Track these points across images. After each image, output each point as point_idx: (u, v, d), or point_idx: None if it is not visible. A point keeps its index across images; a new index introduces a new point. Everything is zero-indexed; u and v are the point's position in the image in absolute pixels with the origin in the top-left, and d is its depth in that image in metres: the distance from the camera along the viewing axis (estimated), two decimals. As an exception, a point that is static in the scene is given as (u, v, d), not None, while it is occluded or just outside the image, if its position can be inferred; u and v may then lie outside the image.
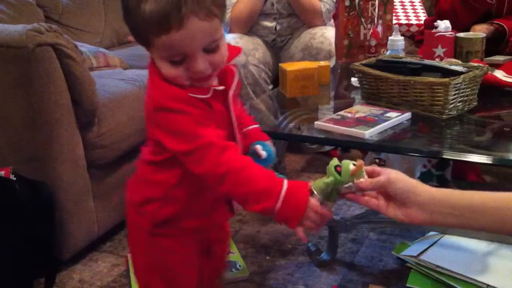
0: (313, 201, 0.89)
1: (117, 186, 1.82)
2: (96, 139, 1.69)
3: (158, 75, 0.91)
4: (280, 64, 1.73)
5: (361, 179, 0.90)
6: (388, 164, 2.02)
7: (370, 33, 2.03)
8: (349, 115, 1.44)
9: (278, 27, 2.43)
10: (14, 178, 1.55)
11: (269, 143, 1.07)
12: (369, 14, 2.02)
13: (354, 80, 1.71)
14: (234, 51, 0.98)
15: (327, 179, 0.90)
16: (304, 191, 0.89)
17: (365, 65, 1.55)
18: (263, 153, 1.03)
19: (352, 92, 1.74)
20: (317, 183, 0.91)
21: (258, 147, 1.04)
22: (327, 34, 2.40)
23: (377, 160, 2.04)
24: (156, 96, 0.91)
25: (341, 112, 1.45)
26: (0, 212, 1.50)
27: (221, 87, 0.95)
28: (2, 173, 1.56)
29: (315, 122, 1.39)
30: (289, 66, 1.67)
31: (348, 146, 1.95)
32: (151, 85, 0.93)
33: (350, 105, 1.57)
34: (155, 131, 0.93)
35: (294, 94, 1.64)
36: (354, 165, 0.91)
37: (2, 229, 1.49)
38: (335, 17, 2.25)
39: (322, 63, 1.76)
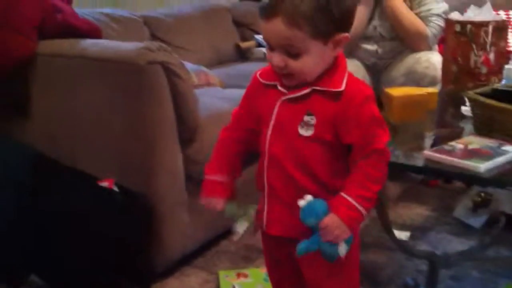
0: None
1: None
2: (195, 155, 1.71)
3: None
4: (385, 89, 1.68)
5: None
6: (494, 198, 1.90)
7: (481, 60, 1.92)
8: (461, 146, 1.35)
9: (379, 51, 2.37)
10: (117, 190, 1.60)
11: (332, 211, 0.98)
12: (481, 40, 1.92)
13: (464, 109, 1.63)
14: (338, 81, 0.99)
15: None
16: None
17: (478, 93, 1.47)
18: (300, 202, 0.97)
19: (461, 121, 1.65)
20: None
21: (306, 196, 0.98)
22: (432, 59, 2.31)
23: (482, 194, 1.92)
24: None
25: (453, 143, 1.37)
26: (102, 222, 1.55)
27: (283, 89, 1.01)
28: (106, 184, 1.62)
29: (425, 152, 1.33)
30: (395, 92, 1.62)
31: (461, 180, 1.85)
32: None
33: (458, 134, 1.49)
34: None
35: (400, 120, 1.57)
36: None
37: (102, 238, 1.54)
38: (443, 41, 2.16)
39: (430, 89, 1.69)
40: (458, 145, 1.36)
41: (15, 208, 1.63)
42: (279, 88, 1.02)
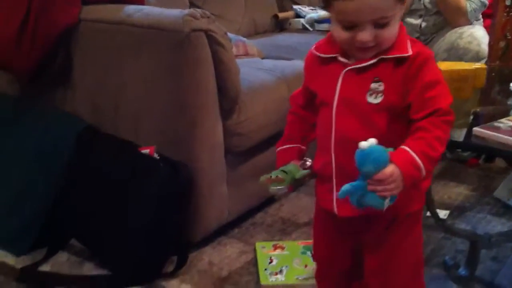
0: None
1: (250, 175, 1.83)
2: (235, 126, 1.70)
3: (329, 36, 1.03)
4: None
5: None
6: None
7: (531, 35, 1.86)
8: (511, 123, 1.32)
9: (423, 25, 2.32)
10: (158, 157, 1.60)
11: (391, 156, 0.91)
12: (532, 15, 1.85)
13: (513, 86, 1.58)
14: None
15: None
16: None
17: (531, 70, 1.42)
18: (362, 144, 0.89)
19: (508, 98, 1.60)
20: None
21: (370, 139, 0.90)
22: (476, 33, 2.25)
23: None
24: None
25: (503, 120, 1.33)
26: (143, 189, 1.56)
27: (345, 60, 0.99)
28: (147, 151, 1.62)
29: (474, 129, 1.29)
30: (442, 66, 1.57)
31: (510, 158, 1.82)
32: None
33: (505, 112, 1.45)
34: None
35: (447, 96, 1.53)
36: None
37: (143, 206, 1.55)
38: (490, 16, 2.09)
39: (478, 65, 1.63)
40: (508, 122, 1.33)
41: (59, 176, 1.66)
42: (341, 59, 0.99)
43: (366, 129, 0.97)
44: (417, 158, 0.91)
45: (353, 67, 0.98)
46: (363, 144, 0.89)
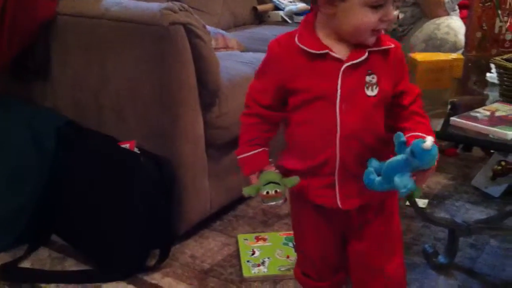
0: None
1: (231, 168, 1.83)
2: (216, 120, 1.70)
3: (305, 28, 1.00)
4: (409, 54, 1.65)
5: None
6: (515, 168, 1.89)
7: (506, 26, 1.89)
8: (487, 113, 1.34)
9: (400, 16, 2.34)
10: (138, 152, 1.59)
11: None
12: (507, 6, 1.88)
13: (490, 76, 1.60)
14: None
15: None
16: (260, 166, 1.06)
17: (507, 60, 1.44)
18: (427, 144, 0.88)
19: (485, 88, 1.63)
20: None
21: (428, 138, 0.91)
22: (453, 24, 2.28)
23: (503, 163, 1.91)
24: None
25: (479, 110, 1.35)
26: (124, 184, 1.55)
27: (337, 56, 0.97)
28: (127, 145, 1.61)
29: (451, 118, 1.31)
30: (420, 56, 1.59)
31: (487, 147, 1.84)
32: None
33: (481, 101, 1.47)
34: None
35: (425, 86, 1.54)
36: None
37: (125, 200, 1.55)
38: (466, 7, 2.12)
39: (455, 55, 1.66)
40: (484, 112, 1.34)
41: (41, 172, 1.65)
42: (334, 55, 0.97)
43: (368, 124, 1.00)
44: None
45: (351, 63, 0.97)
46: (428, 145, 0.89)
